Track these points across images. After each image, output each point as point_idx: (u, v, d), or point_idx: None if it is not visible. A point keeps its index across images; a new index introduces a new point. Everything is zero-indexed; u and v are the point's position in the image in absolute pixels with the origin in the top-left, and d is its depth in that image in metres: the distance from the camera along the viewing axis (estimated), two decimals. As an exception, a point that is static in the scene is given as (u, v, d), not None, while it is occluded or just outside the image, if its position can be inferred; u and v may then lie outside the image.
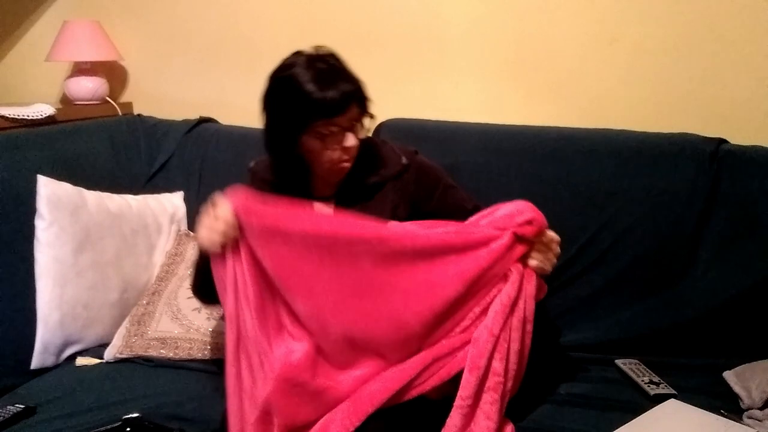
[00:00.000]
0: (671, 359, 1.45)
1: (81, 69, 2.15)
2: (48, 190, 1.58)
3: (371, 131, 1.53)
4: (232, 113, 2.05)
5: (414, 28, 1.88)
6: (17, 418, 1.28)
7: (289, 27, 2.01)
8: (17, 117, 1.85)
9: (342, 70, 1.23)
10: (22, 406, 1.31)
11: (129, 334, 1.57)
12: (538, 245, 1.21)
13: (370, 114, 1.27)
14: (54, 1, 2.27)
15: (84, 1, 2.23)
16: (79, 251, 1.58)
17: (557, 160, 1.59)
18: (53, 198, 1.57)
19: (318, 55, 1.23)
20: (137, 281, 1.71)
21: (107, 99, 2.19)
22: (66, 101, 2.25)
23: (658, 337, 1.48)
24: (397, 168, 1.34)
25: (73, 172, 1.69)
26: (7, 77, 2.36)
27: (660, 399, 1.28)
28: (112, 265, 1.65)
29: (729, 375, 1.33)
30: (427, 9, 1.85)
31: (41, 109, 1.92)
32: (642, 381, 1.35)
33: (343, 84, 1.19)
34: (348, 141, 1.22)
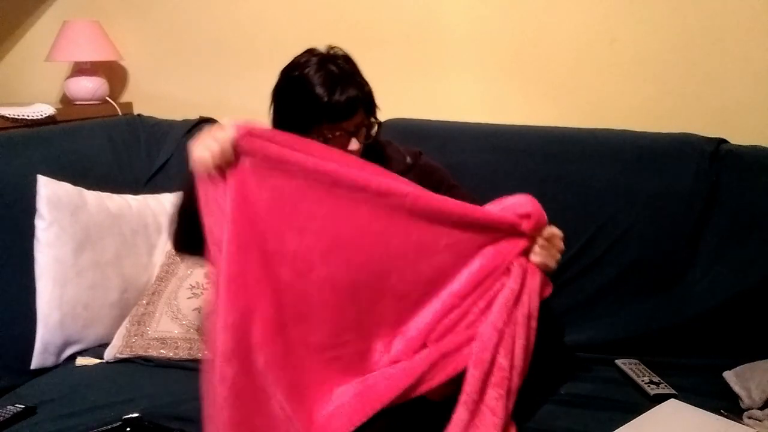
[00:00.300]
0: (671, 359, 1.45)
1: (81, 69, 2.15)
2: (48, 190, 1.58)
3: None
4: (232, 113, 2.02)
5: (414, 28, 1.88)
6: (17, 418, 1.28)
7: (289, 27, 2.01)
8: (17, 117, 1.85)
9: (352, 74, 1.22)
10: (22, 406, 1.31)
11: (129, 334, 1.57)
12: (540, 241, 1.21)
13: (377, 121, 1.27)
14: (54, 1, 2.27)
15: (84, 1, 2.23)
16: (79, 251, 1.58)
17: (557, 160, 1.59)
18: (53, 198, 1.57)
19: (331, 56, 1.23)
20: (137, 281, 1.71)
21: (107, 99, 2.19)
22: (66, 101, 2.25)
23: (658, 337, 1.48)
24: (401, 167, 1.34)
25: (73, 172, 1.69)
26: (7, 77, 2.36)
27: (660, 399, 1.28)
28: (112, 265, 1.64)
29: (729, 375, 1.33)
30: (428, 9, 1.85)
31: (41, 109, 1.92)
32: (642, 381, 1.35)
33: (352, 89, 1.19)
34: (351, 145, 1.22)
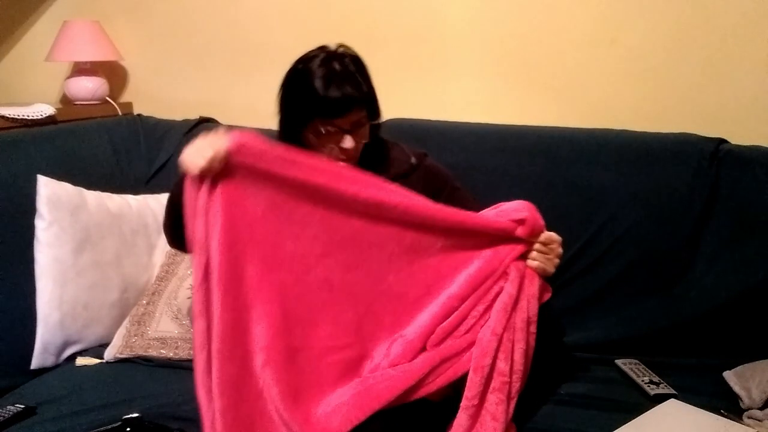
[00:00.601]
0: (671, 359, 1.45)
1: (81, 69, 2.15)
2: (48, 190, 1.58)
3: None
4: (232, 113, 2.05)
5: (414, 28, 1.88)
6: (17, 418, 1.28)
7: (289, 28, 2.01)
8: (17, 117, 1.85)
9: (353, 73, 1.22)
10: (22, 406, 1.31)
11: (129, 334, 1.57)
12: (537, 246, 1.21)
13: (377, 122, 1.28)
14: (54, 1, 2.27)
15: (84, 1, 2.23)
16: (79, 251, 1.58)
17: (557, 160, 1.59)
18: (53, 198, 1.57)
19: (338, 54, 1.24)
20: (137, 281, 1.71)
21: (107, 99, 2.19)
22: (66, 101, 2.25)
23: (658, 337, 1.48)
24: (405, 168, 1.35)
25: (73, 172, 1.69)
26: (7, 77, 2.35)
27: (660, 399, 1.28)
28: (112, 265, 1.64)
29: (729, 375, 1.33)
30: (428, 9, 1.85)
31: (41, 109, 1.92)
32: (642, 381, 1.35)
33: (349, 87, 1.20)
34: (345, 143, 1.23)
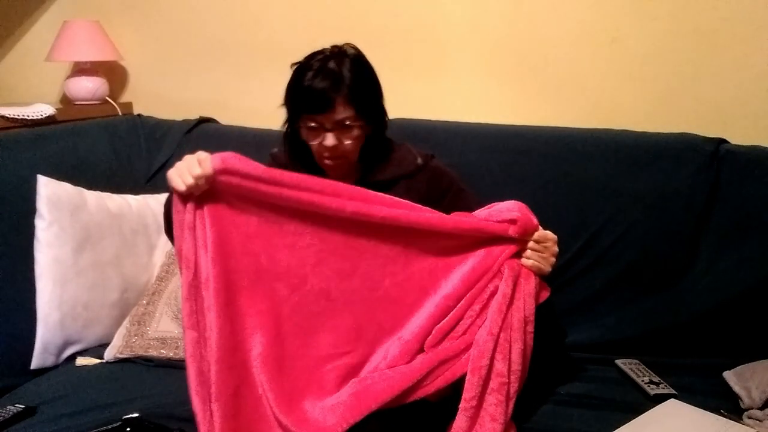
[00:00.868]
0: (671, 359, 1.46)
1: (81, 69, 2.15)
2: (48, 190, 1.58)
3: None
4: (232, 113, 2.05)
5: (415, 28, 1.88)
6: (17, 418, 1.28)
7: (290, 28, 2.01)
8: (17, 117, 1.85)
9: (342, 72, 1.21)
10: (22, 406, 1.31)
11: (129, 334, 1.57)
12: (531, 244, 1.21)
13: (366, 124, 1.27)
14: (54, 1, 2.27)
15: (84, 1, 2.23)
16: (79, 251, 1.58)
17: (557, 160, 1.59)
18: (53, 198, 1.57)
19: (338, 54, 1.25)
20: (137, 281, 1.71)
21: (107, 99, 2.19)
22: (66, 101, 2.25)
23: (658, 337, 1.48)
24: (411, 168, 1.35)
25: (73, 172, 1.69)
26: (7, 77, 2.35)
27: (660, 399, 1.28)
28: (112, 265, 1.64)
29: (729, 375, 1.33)
30: (428, 9, 1.85)
31: (41, 109, 1.92)
32: (642, 381, 1.35)
33: (333, 84, 1.20)
34: (326, 141, 1.24)
